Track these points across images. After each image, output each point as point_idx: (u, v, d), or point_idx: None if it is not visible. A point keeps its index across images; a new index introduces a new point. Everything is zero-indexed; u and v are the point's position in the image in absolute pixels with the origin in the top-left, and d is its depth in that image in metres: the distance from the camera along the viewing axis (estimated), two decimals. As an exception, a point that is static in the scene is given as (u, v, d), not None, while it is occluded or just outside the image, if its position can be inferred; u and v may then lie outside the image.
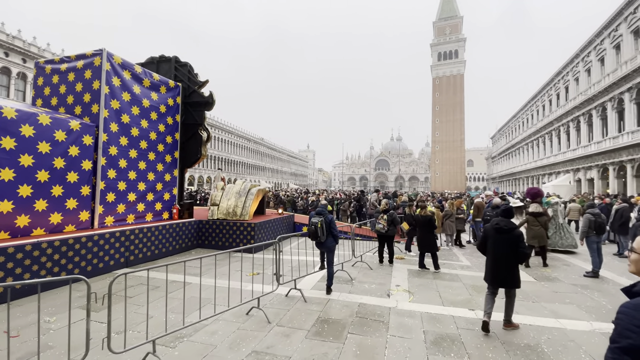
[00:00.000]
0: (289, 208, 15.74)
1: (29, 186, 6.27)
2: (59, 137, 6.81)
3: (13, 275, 5.27)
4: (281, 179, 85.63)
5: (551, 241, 9.56)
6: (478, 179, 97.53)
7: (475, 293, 5.88)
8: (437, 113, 75.79)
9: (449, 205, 10.30)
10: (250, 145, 70.96)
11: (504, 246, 4.26)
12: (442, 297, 5.65)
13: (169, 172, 9.80)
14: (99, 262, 6.76)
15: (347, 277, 6.66)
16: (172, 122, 9.92)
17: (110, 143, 7.89)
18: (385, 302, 5.35)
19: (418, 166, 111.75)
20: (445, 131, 75.20)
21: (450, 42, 74.57)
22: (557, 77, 36.14)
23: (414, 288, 6.12)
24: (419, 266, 7.49)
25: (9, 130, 5.97)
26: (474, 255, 9.29)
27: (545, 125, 38.36)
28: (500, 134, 65.50)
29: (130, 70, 8.50)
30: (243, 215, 9.84)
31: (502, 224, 4.35)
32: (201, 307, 4.67)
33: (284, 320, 4.54)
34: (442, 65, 74.90)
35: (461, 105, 73.55)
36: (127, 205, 8.37)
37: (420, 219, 7.62)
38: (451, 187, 68.76)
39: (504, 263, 4.24)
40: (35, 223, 6.39)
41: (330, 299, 5.40)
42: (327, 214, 5.71)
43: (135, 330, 4.21)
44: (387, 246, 8.03)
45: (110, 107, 7.87)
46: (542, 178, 38.44)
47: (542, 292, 6.02)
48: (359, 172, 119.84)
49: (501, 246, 4.28)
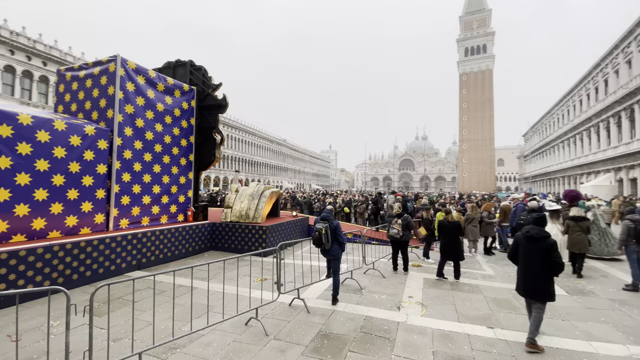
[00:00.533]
0: (306, 210, 15.54)
1: (44, 190, 6.46)
2: (74, 142, 6.99)
3: (25, 277, 5.41)
4: (303, 180, 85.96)
5: (595, 249, 8.71)
6: (509, 179, 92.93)
7: (497, 308, 5.34)
8: (465, 110, 72.90)
9: (471, 209, 9.64)
10: (273, 147, 71.77)
11: (535, 255, 4.03)
12: (459, 311, 5.18)
13: (184, 174, 9.89)
14: (110, 264, 6.86)
15: (356, 286, 6.32)
16: (187, 125, 10.00)
17: (125, 147, 8.04)
18: (395, 315, 4.97)
19: (445, 166, 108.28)
20: (474, 129, 72.17)
21: (477, 37, 71.50)
22: (595, 70, 33.48)
23: (428, 300, 5.68)
24: (437, 274, 6.98)
25: (25, 136, 6.17)
26: (499, 264, 8.62)
27: (582, 122, 35.68)
28: (534, 132, 61.91)
29: (144, 75, 8.64)
30: (255, 218, 9.74)
31: (534, 231, 4.11)
32: (197, 317, 4.55)
33: (282, 333, 4.30)
34: (470, 61, 71.96)
35: (490, 102, 70.29)
36: (142, 208, 8.50)
37: (447, 225, 6.97)
38: (480, 187, 65.87)
39: (535, 273, 4.01)
40: (51, 226, 6.58)
41: (335, 311, 5.10)
42: (333, 220, 5.42)
43: (134, 338, 4.11)
44: (401, 253, 7.59)
45: (124, 111, 8.02)
46: (579, 178, 35.80)
47: (574, 308, 5.38)
48: (382, 172, 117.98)
49: (532, 255, 4.06)
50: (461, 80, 73.36)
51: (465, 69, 72.42)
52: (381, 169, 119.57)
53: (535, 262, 4.01)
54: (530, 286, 4.05)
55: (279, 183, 68.98)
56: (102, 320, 4.64)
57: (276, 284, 4.89)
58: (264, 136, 67.65)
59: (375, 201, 12.70)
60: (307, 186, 78.55)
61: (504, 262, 8.76)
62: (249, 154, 61.90)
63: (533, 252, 4.06)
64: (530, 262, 4.07)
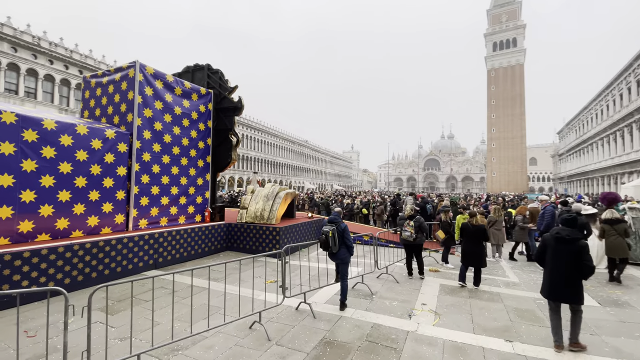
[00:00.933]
0: (323, 212, 15.41)
1: (67, 191, 6.78)
2: (95, 146, 7.29)
3: (47, 275, 5.68)
4: (325, 181, 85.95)
5: (632, 255, 8.01)
6: (542, 179, 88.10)
7: (518, 319, 4.96)
8: (493, 107, 70.01)
9: (494, 211, 9.11)
10: (295, 148, 72.31)
11: (565, 258, 3.92)
12: (475, 321, 4.86)
13: (201, 176, 10.09)
14: (128, 263, 7.08)
15: (367, 292, 6.11)
16: (204, 127, 10.20)
17: (144, 150, 8.29)
18: (405, 323, 4.73)
19: (472, 165, 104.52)
20: (503, 127, 69.13)
21: (507, 30, 68.39)
22: (637, 62, 30.90)
23: (442, 308, 5.38)
24: (459, 279, 6.60)
25: (49, 140, 6.50)
26: (525, 270, 8.09)
27: (624, 117, 33.01)
28: (569, 129, 58.21)
29: (162, 80, 8.88)
30: (270, 219, 9.75)
31: (564, 233, 3.97)
32: (203, 318, 4.55)
33: (285, 339, 4.21)
34: (498, 56, 69.00)
35: (521, 97, 67.02)
36: (161, 209, 8.74)
37: (470, 229, 6.54)
38: (510, 188, 62.93)
39: (563, 276, 3.90)
40: (73, 225, 6.90)
41: (342, 317, 4.95)
42: (340, 222, 5.27)
43: (138, 338, 4.18)
44: (415, 256, 7.30)
45: (143, 115, 8.28)
46: (620, 178, 33.17)
47: (606, 321, 4.89)
48: (406, 173, 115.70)
49: (561, 257, 3.95)
50: (489, 76, 70.49)
51: (494, 64, 69.52)
52: (405, 169, 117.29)
53: (564, 265, 3.89)
54: (558, 289, 3.94)
55: (300, 184, 69.40)
56: (114, 319, 4.77)
57: (281, 288, 4.81)
58: (285, 137, 68.34)
59: (394, 202, 12.35)
60: (328, 187, 78.47)
61: (530, 269, 8.22)
62: (271, 155, 62.75)
63: (562, 254, 3.92)
64: (558, 264, 3.94)
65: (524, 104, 67.05)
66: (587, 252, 3.83)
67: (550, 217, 8.25)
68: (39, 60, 27.87)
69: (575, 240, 3.89)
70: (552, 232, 4.13)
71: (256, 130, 58.62)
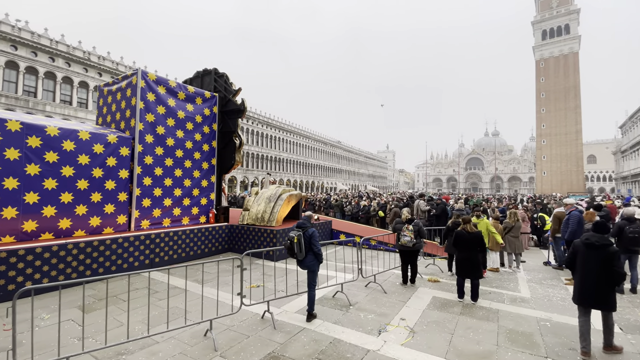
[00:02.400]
0: (338, 214, 15.03)
1: (70, 193, 7.21)
2: (97, 150, 7.70)
3: (41, 272, 6.06)
4: (358, 181, 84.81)
5: None
6: (603, 179, 79.01)
7: (506, 344, 4.27)
8: (543, 101, 64.02)
9: (510, 216, 8.13)
10: (327, 149, 72.23)
11: (594, 264, 3.90)
12: (453, 343, 4.27)
13: (206, 178, 10.30)
14: (123, 263, 7.36)
15: (345, 302, 5.71)
16: (209, 130, 10.40)
17: (146, 153, 8.62)
18: (369, 341, 4.30)
19: (520, 164, 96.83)
20: (555, 122, 62.94)
21: (558, 16, 62.22)
22: None
23: (422, 325, 4.83)
24: (457, 293, 5.95)
25: (52, 145, 6.97)
26: (545, 284, 7.09)
27: None
28: (633, 122, 51.38)
29: (164, 86, 9.18)
30: (270, 222, 9.65)
31: (594, 239, 3.96)
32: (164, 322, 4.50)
33: (232, 350, 4.00)
34: (549, 45, 63.00)
35: (576, 89, 60.54)
36: (163, 210, 9.03)
37: (465, 237, 5.86)
38: (564, 188, 57.11)
39: (594, 283, 3.89)
40: (76, 225, 7.33)
41: (304, 329, 4.63)
42: (309, 228, 4.95)
43: (95, 338, 4.23)
44: (410, 263, 6.73)
45: (145, 120, 8.61)
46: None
47: (625, 353, 4.02)
48: (446, 173, 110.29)
49: (591, 264, 3.93)
50: (538, 67, 64.63)
51: (544, 54, 63.62)
52: (445, 169, 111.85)
53: (594, 271, 3.88)
54: (589, 295, 3.93)
55: (332, 185, 69.18)
56: (88, 318, 4.88)
57: (239, 295, 4.61)
58: (318, 139, 68.55)
59: (406, 205, 11.61)
60: (362, 187, 77.29)
61: (551, 282, 7.21)
62: (303, 156, 63.28)
63: (592, 261, 3.93)
64: (588, 271, 3.94)
65: (579, 96, 60.45)
66: (617, 259, 3.85)
67: (575, 223, 7.18)
68: (90, 73, 30.75)
69: (605, 247, 3.88)
70: (583, 238, 4.14)
71: (288, 132, 59.50)
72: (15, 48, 25.47)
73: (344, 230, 11.32)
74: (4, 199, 6.31)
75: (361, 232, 11.12)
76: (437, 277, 7.39)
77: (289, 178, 58.22)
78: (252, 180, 49.10)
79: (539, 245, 11.91)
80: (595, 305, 3.93)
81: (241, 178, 48.06)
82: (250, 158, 50.39)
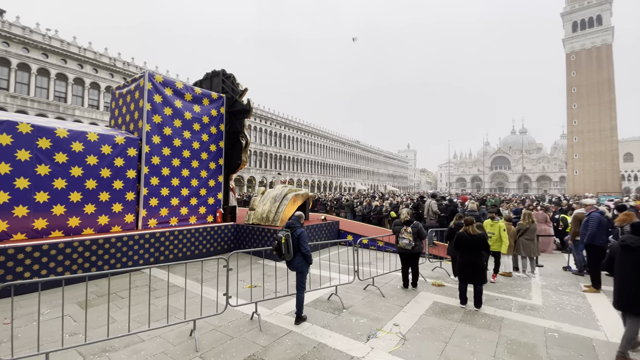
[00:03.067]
0: (349, 214, 14.81)
1: (79, 193, 7.48)
2: (105, 151, 7.94)
3: (47, 268, 6.31)
4: (378, 181, 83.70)
5: None
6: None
7: (505, 356, 3.95)
8: (575, 96, 60.52)
9: (523, 218, 7.62)
10: (345, 149, 71.80)
11: (630, 266, 3.81)
12: (445, 353, 4.00)
13: (213, 178, 10.41)
14: (128, 260, 7.55)
15: (339, 305, 5.53)
16: (216, 131, 10.51)
17: (153, 153, 8.82)
18: (356, 347, 4.11)
19: (550, 163, 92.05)
20: (587, 118, 59.34)
21: (590, 7, 58.61)
22: None
23: (415, 332, 4.58)
24: (460, 301, 5.62)
25: (62, 147, 7.25)
26: (561, 290, 6.59)
27: None
28: (679, 117, 47.45)
29: (171, 87, 9.36)
30: (275, 221, 9.61)
31: (630, 240, 3.88)
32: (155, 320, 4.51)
33: (213, 352, 3.95)
34: (580, 37, 59.48)
35: (610, 83, 56.79)
36: (170, 209, 9.21)
37: (468, 239, 5.54)
38: (598, 188, 53.66)
39: (630, 285, 3.79)
40: (85, 224, 7.59)
41: (291, 332, 4.50)
42: (298, 228, 4.82)
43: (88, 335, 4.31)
44: (411, 266, 6.45)
45: (152, 121, 8.81)
46: None
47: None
48: (470, 172, 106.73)
49: (627, 266, 3.84)
50: (569, 60, 61.19)
51: (574, 46, 60.15)
52: (469, 168, 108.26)
53: (630, 273, 3.80)
54: (625, 298, 3.84)
55: (351, 185, 68.68)
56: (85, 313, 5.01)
57: (225, 295, 4.56)
58: (335, 138, 68.28)
59: (416, 206, 11.22)
60: (382, 187, 76.23)
61: (568, 289, 6.69)
62: (321, 156, 63.25)
63: (628, 263, 3.84)
64: (624, 273, 3.87)
65: (613, 90, 56.62)
66: None
67: (595, 225, 6.61)
68: (115, 78, 32.21)
69: None
70: (619, 240, 4.08)
71: (306, 132, 59.66)
72: (46, 56, 27.09)
73: (352, 231, 11.10)
74: (16, 198, 6.62)
75: (369, 232, 10.86)
76: (443, 281, 7.04)
77: (307, 178, 58.38)
78: (270, 180, 49.63)
79: (561, 248, 11.17)
80: (633, 307, 3.77)
81: (260, 178, 48.71)
82: (269, 158, 50.96)
